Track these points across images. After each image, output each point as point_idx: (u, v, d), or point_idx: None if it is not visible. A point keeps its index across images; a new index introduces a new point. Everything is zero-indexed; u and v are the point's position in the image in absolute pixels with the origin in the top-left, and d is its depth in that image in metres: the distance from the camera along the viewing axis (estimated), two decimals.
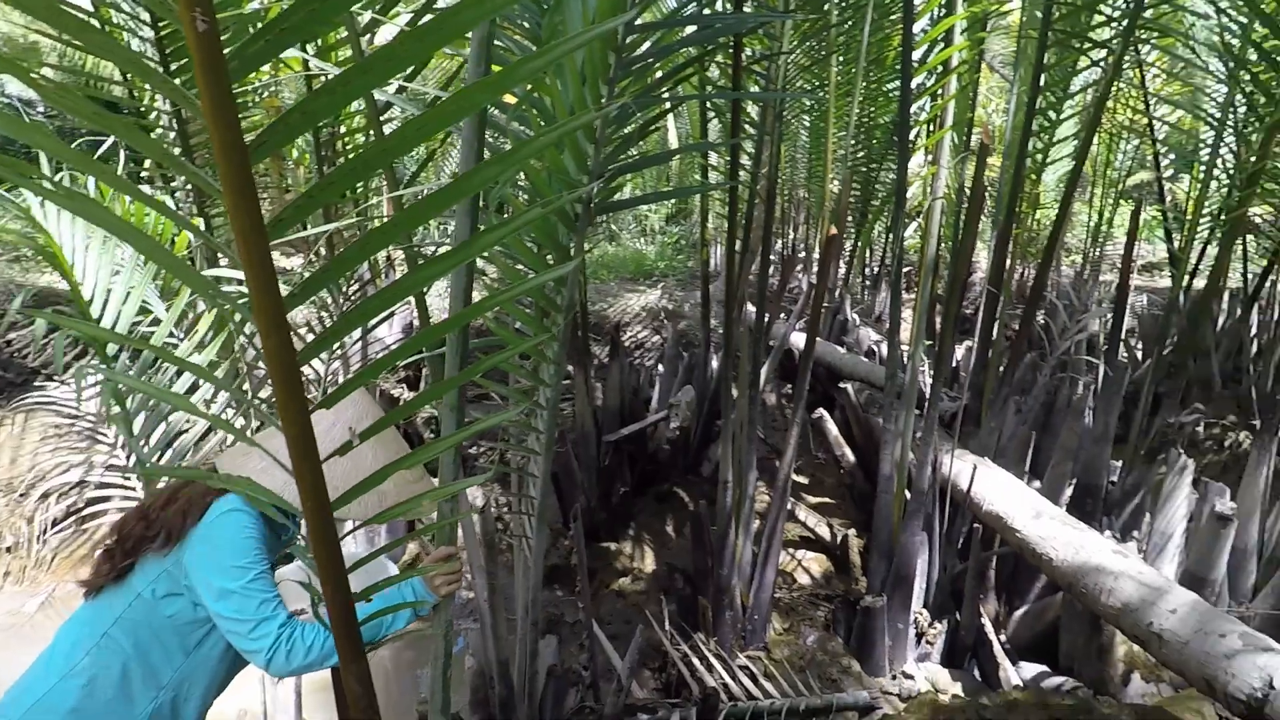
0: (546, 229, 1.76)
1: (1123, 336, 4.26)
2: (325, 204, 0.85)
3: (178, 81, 2.74)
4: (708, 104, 4.43)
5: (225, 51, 0.69)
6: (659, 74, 2.17)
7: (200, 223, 3.03)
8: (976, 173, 2.98)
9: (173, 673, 1.48)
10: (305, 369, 4.93)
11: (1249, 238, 5.55)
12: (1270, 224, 5.62)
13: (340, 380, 3.65)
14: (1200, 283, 5.21)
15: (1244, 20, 3.99)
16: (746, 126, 3.32)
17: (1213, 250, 4.75)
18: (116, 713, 1.45)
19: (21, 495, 4.66)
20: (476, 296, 1.43)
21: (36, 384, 5.10)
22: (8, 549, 4.51)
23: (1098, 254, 8.59)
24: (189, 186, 3.30)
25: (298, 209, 0.78)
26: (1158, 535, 3.32)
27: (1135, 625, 2.40)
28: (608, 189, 2.07)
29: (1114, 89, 3.91)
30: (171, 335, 2.33)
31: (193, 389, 2.21)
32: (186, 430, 2.27)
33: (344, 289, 2.79)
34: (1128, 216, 12.13)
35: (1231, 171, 4.51)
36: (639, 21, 1.85)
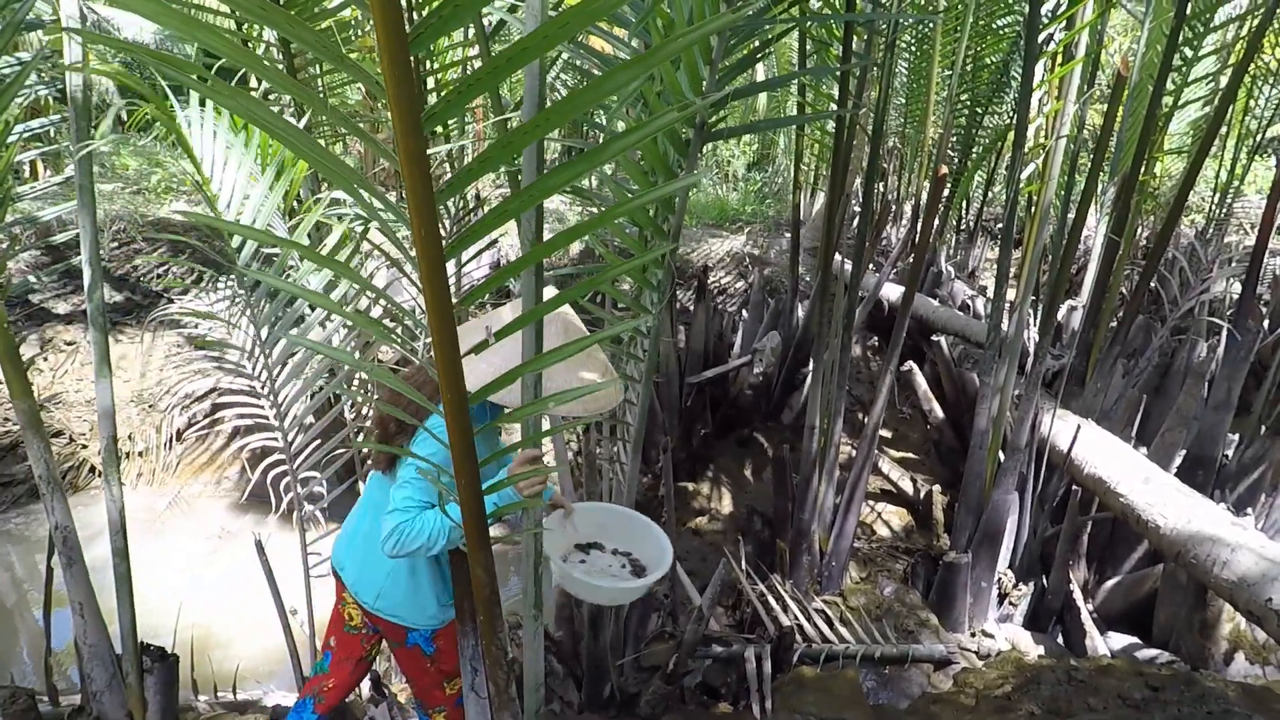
0: (657, 154, 1.72)
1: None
2: (470, 100, 0.85)
3: None
4: (808, 40, 4.22)
5: None
6: None
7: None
8: (1109, 108, 2.75)
9: None
10: (404, 297, 5.07)
11: None
12: None
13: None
14: None
15: None
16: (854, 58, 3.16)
17: None
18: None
19: (150, 406, 5.06)
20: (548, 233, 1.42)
21: (161, 305, 5.48)
22: (140, 453, 4.94)
23: (1223, 212, 7.85)
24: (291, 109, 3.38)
25: (448, 104, 0.78)
26: (1278, 512, 3.12)
27: (1251, 601, 2.27)
28: (717, 117, 2.01)
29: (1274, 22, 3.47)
30: (291, 264, 2.43)
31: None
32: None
33: (454, 210, 2.84)
34: (1259, 172, 11.01)
35: None
36: None
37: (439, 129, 3.83)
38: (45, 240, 5.10)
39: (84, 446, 4.90)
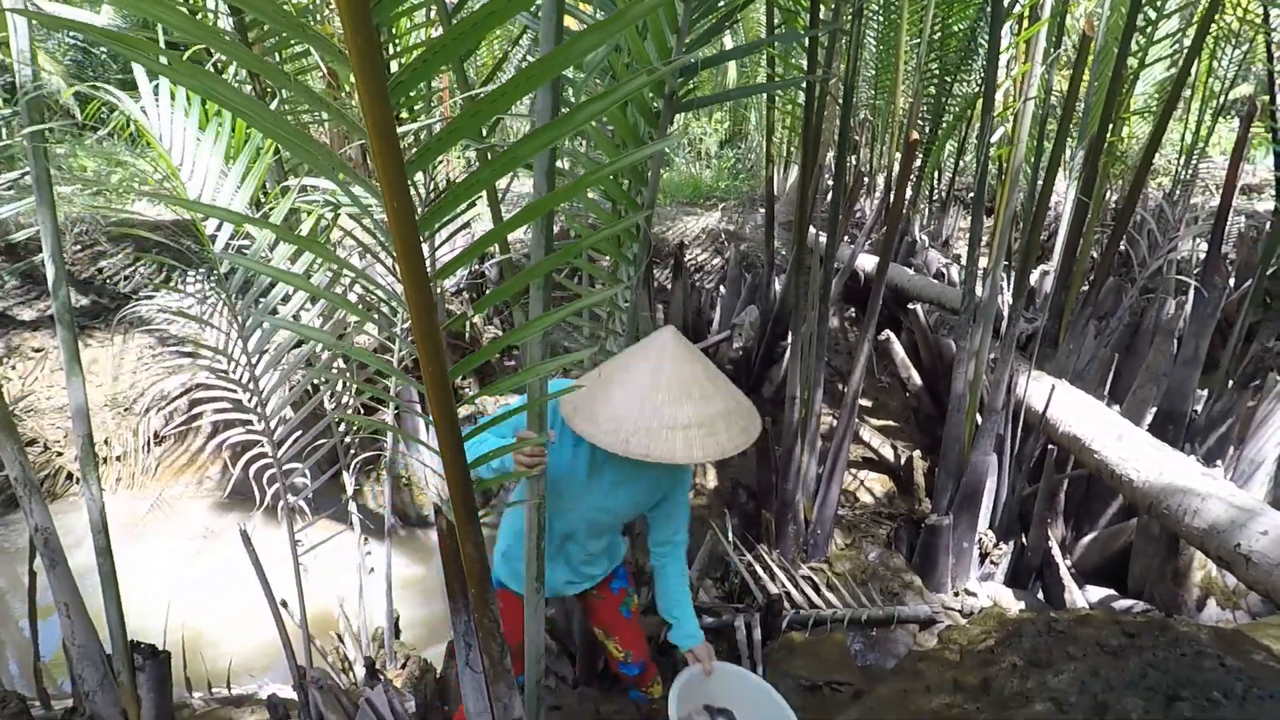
0: (628, 126, 1.72)
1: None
2: (439, 68, 0.84)
3: None
4: (775, 10, 4.21)
5: None
6: None
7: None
8: (1075, 71, 2.78)
9: None
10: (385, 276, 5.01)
11: None
12: None
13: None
14: None
15: None
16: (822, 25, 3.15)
17: None
18: None
19: (125, 409, 4.98)
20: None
21: (130, 306, 5.37)
22: (118, 458, 4.87)
23: (1189, 174, 7.97)
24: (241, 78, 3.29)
25: (414, 72, 0.78)
26: (1246, 463, 3.20)
27: (1221, 547, 2.34)
28: (686, 89, 2.00)
29: None
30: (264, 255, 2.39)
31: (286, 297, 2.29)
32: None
33: (424, 194, 2.81)
34: (1223, 134, 11.18)
35: None
36: None
37: (405, 114, 3.78)
38: (4, 239, 4.98)
39: (59, 454, 4.81)
